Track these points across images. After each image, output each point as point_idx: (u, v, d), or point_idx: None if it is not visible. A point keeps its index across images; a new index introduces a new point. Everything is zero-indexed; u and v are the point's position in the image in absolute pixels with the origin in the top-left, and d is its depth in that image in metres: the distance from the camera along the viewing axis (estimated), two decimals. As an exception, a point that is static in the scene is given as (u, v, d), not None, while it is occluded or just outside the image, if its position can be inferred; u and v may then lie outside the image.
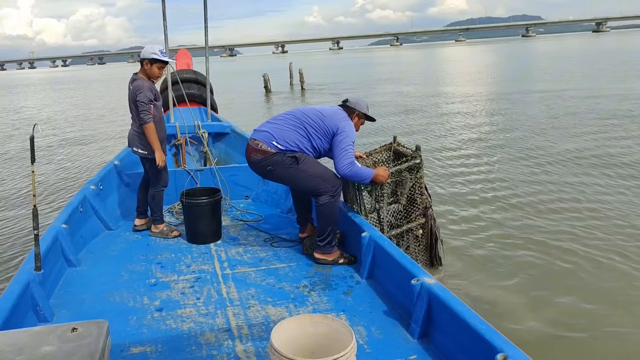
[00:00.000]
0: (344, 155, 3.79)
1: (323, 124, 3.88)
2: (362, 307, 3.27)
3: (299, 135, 3.87)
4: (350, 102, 4.09)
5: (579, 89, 18.94)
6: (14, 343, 1.85)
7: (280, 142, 3.83)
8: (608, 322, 3.87)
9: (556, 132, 11.24)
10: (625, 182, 7.28)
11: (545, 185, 7.30)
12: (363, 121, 4.18)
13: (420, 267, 3.13)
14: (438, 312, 2.77)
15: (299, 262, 3.98)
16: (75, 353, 1.81)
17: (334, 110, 4.02)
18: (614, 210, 6.15)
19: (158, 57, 4.26)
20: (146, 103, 4.22)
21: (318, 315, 2.35)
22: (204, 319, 3.15)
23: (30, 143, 3.23)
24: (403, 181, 4.12)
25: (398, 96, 20.80)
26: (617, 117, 12.57)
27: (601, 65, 30.54)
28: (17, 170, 10.10)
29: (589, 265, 4.77)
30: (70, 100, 30.62)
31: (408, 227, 4.27)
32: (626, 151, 9.06)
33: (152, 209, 4.57)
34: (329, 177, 3.85)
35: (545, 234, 5.54)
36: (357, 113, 4.07)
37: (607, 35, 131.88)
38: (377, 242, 3.57)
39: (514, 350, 2.20)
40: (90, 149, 12.48)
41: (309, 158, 3.88)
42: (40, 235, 3.33)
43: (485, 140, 10.85)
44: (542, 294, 4.30)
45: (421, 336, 2.86)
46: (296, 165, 3.82)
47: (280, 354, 2.03)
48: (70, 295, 3.46)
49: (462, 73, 32.73)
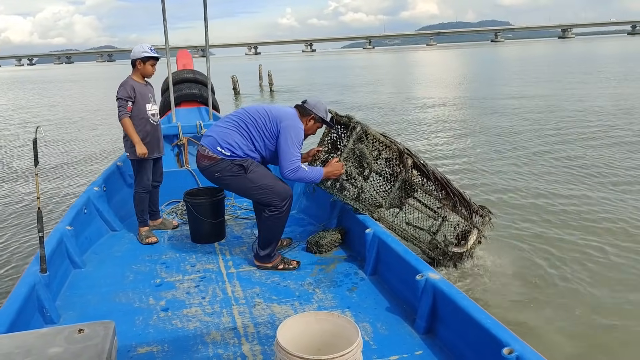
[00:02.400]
0: (287, 159, 3.60)
1: (267, 124, 3.68)
2: (367, 304, 3.27)
3: (241, 137, 3.68)
4: (308, 104, 3.85)
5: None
6: (21, 345, 1.86)
7: (224, 146, 3.65)
8: (616, 316, 3.87)
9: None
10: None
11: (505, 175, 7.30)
12: (320, 125, 3.94)
13: (425, 262, 3.13)
14: (443, 307, 2.77)
15: (303, 260, 3.98)
16: (83, 354, 1.82)
17: (284, 110, 3.78)
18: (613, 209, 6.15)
19: (149, 54, 4.35)
20: (123, 99, 4.26)
21: (323, 313, 2.35)
22: (209, 318, 3.16)
23: (33, 146, 3.23)
24: (361, 154, 3.94)
25: (370, 98, 20.85)
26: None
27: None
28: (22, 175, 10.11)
29: (596, 259, 4.78)
30: (49, 100, 30.06)
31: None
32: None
33: (135, 211, 4.58)
34: (279, 190, 3.68)
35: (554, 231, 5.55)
36: (313, 116, 3.83)
37: (572, 42, 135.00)
38: (381, 238, 3.57)
39: (519, 344, 2.20)
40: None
41: (258, 168, 3.70)
42: (45, 237, 3.35)
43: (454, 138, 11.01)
44: (548, 291, 4.31)
45: (426, 331, 2.87)
46: (244, 174, 3.65)
47: (287, 351, 2.03)
48: (76, 297, 3.47)
49: (434, 80, 32.50)
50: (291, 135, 3.62)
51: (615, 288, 4.26)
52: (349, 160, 3.94)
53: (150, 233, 4.54)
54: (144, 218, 4.55)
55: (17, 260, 5.57)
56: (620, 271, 4.55)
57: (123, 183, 5.30)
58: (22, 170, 10.21)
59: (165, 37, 6.31)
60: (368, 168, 4.01)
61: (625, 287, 4.27)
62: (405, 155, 4.00)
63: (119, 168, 5.40)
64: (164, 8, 6.17)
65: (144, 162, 4.41)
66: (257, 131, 3.68)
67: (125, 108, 4.28)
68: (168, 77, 6.58)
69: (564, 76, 26.77)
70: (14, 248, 5.94)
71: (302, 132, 3.71)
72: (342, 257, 4.02)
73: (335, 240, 4.16)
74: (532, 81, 25.00)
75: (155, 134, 4.51)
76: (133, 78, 4.39)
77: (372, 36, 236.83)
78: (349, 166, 3.92)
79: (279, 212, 3.69)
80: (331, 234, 4.18)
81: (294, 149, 3.62)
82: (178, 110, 6.61)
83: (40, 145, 3.41)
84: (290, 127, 3.64)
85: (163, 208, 5.37)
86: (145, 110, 4.39)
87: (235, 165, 3.65)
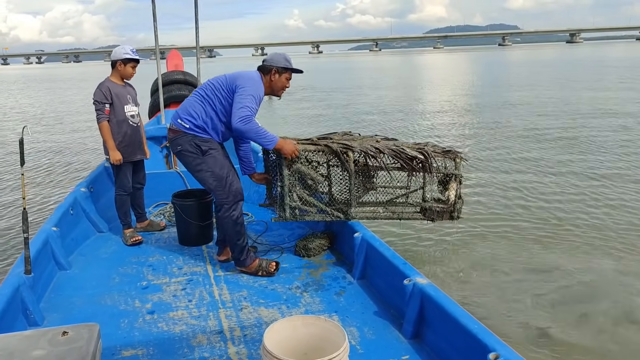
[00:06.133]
0: (238, 107, 3.42)
1: (224, 85, 3.58)
2: (354, 308, 3.27)
3: (201, 105, 3.62)
4: (266, 60, 3.70)
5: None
6: (4, 348, 1.84)
7: (184, 117, 3.63)
8: (603, 321, 3.90)
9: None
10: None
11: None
12: (289, 76, 3.73)
13: (413, 267, 3.14)
14: (430, 311, 2.78)
15: (291, 264, 3.97)
16: (66, 357, 1.80)
17: (244, 72, 3.67)
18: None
19: (131, 57, 4.34)
20: (99, 102, 4.24)
21: (310, 317, 2.35)
22: (196, 322, 3.13)
23: (19, 146, 3.20)
24: (300, 173, 3.83)
25: (376, 100, 20.83)
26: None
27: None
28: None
29: (580, 264, 4.81)
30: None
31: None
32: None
33: (118, 214, 4.54)
34: (231, 187, 3.65)
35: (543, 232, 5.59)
36: (275, 68, 3.65)
37: (580, 47, 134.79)
38: (369, 242, 3.58)
39: (505, 349, 2.21)
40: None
41: (218, 154, 3.65)
42: (30, 238, 3.31)
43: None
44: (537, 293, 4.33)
45: (414, 336, 2.87)
46: (200, 156, 3.62)
47: (273, 355, 2.03)
48: (61, 299, 3.43)
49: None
50: (246, 88, 3.49)
51: (610, 295, 4.28)
52: (295, 186, 3.84)
53: (134, 233, 4.51)
54: (127, 220, 4.52)
55: (0, 261, 5.49)
56: (616, 277, 4.57)
57: (110, 184, 5.26)
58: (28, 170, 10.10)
59: (155, 38, 6.29)
60: (313, 181, 3.92)
61: (623, 292, 4.30)
62: (342, 152, 3.82)
63: (106, 169, 5.35)
64: (154, 8, 6.15)
65: (123, 164, 4.39)
66: (215, 94, 3.60)
67: (103, 111, 4.25)
68: (158, 78, 6.55)
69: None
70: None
71: (261, 88, 3.58)
72: (331, 261, 4.02)
73: (323, 244, 4.15)
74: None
75: (135, 136, 4.47)
76: (111, 79, 4.37)
77: (379, 38, 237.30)
78: (298, 190, 3.84)
79: (229, 209, 3.65)
80: (320, 237, 4.17)
81: (249, 101, 3.44)
82: (168, 111, 6.59)
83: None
84: (246, 79, 3.55)
85: (151, 210, 5.33)
86: (123, 112, 4.36)
87: (195, 143, 3.61)
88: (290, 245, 4.28)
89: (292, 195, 3.85)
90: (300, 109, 18.83)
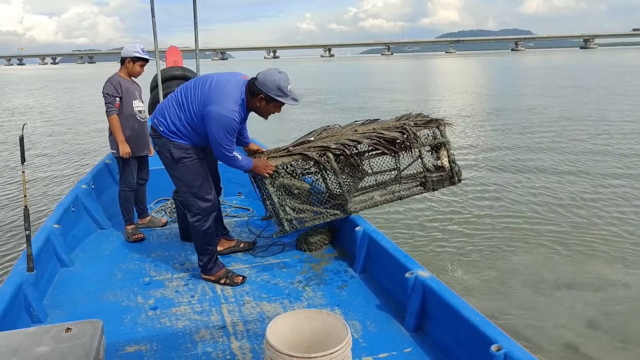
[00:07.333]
0: (217, 146, 3.29)
1: (195, 101, 3.29)
2: (356, 302, 3.28)
3: (175, 109, 3.37)
4: (257, 80, 3.25)
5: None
6: (8, 345, 1.84)
7: (159, 119, 3.42)
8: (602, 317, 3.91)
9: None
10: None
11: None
12: (279, 104, 3.33)
13: (414, 260, 3.14)
14: (432, 304, 2.78)
15: (292, 258, 3.98)
16: (70, 353, 1.80)
17: (221, 89, 3.24)
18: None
19: (140, 55, 4.36)
20: (110, 95, 4.25)
21: (313, 310, 2.35)
22: (198, 317, 3.14)
23: (20, 143, 3.20)
24: (285, 187, 3.79)
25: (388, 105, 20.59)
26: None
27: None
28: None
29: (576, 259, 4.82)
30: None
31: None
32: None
33: (121, 210, 4.55)
34: (203, 199, 3.47)
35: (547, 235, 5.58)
36: (262, 95, 3.25)
37: (594, 52, 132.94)
38: (370, 236, 3.58)
39: (508, 341, 2.22)
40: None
41: (190, 162, 3.43)
42: (32, 235, 3.31)
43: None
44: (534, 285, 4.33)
45: (416, 329, 2.88)
46: (173, 163, 3.44)
47: (276, 349, 2.03)
48: (64, 296, 3.44)
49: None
50: (216, 126, 3.20)
51: (609, 288, 4.29)
52: (285, 199, 3.81)
53: (136, 230, 4.52)
54: (130, 216, 4.53)
55: (2, 259, 5.50)
56: (618, 273, 4.56)
57: (111, 181, 5.26)
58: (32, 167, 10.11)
59: (154, 36, 6.27)
60: (300, 190, 3.87)
61: (623, 288, 4.30)
62: (321, 155, 3.79)
63: (107, 165, 5.36)
64: (153, 6, 6.14)
65: (129, 159, 4.40)
66: (190, 107, 3.31)
67: (113, 104, 4.27)
68: (157, 74, 6.54)
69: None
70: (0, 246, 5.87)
71: (233, 122, 3.21)
72: (332, 255, 4.02)
73: (325, 238, 4.16)
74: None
75: (142, 131, 4.49)
76: (120, 75, 4.39)
77: (391, 42, 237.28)
78: (289, 203, 3.80)
79: (199, 220, 3.50)
80: (321, 231, 4.18)
81: (223, 139, 3.24)
82: None
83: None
84: (214, 116, 3.18)
85: (152, 206, 5.34)
86: (131, 106, 4.38)
87: (169, 149, 3.41)
88: (291, 240, 4.29)
89: (285, 208, 3.83)
90: (311, 114, 18.26)
